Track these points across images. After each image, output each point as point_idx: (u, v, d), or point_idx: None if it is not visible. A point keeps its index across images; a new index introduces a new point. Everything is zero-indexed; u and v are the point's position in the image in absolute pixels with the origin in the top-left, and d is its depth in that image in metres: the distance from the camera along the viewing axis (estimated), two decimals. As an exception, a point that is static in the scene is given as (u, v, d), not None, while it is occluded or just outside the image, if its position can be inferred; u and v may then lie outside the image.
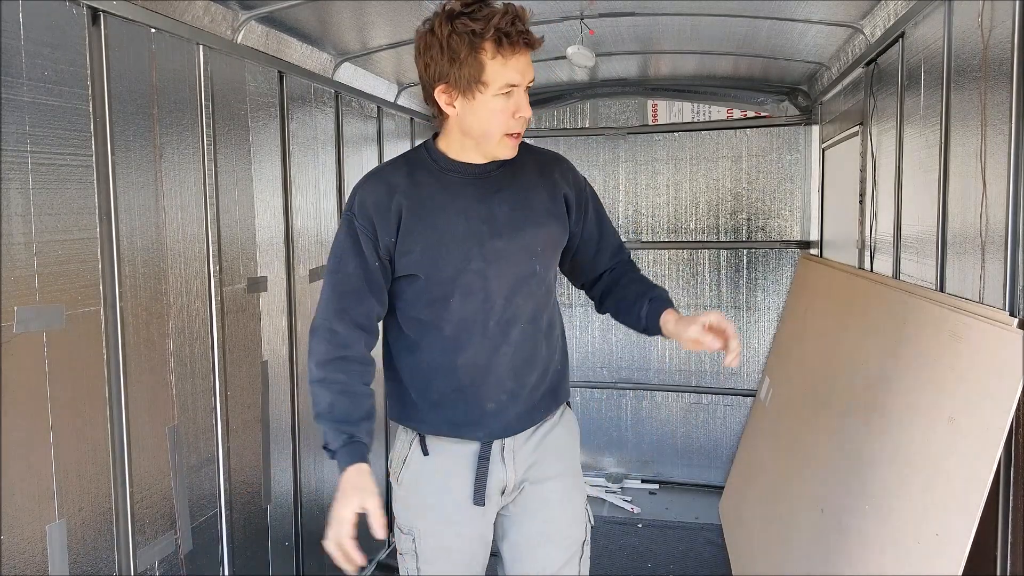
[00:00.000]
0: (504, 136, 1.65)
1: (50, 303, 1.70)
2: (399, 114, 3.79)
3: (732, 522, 3.58)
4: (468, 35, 1.56)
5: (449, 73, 1.60)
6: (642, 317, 1.81)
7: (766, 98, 3.99)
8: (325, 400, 1.65)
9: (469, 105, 1.62)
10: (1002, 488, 1.61)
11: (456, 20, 1.56)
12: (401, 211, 1.67)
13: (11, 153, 1.61)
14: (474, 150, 1.70)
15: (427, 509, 1.78)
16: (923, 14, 2.14)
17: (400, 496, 1.81)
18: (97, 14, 1.83)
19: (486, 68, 1.58)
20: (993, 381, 1.56)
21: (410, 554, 1.79)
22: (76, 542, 1.77)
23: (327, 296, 1.70)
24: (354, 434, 1.64)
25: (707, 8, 2.75)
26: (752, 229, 4.17)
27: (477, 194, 1.71)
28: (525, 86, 1.64)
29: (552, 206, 1.79)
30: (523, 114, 1.64)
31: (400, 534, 1.81)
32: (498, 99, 1.61)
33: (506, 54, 1.57)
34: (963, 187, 1.84)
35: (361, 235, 1.67)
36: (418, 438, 1.77)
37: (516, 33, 1.56)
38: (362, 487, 1.61)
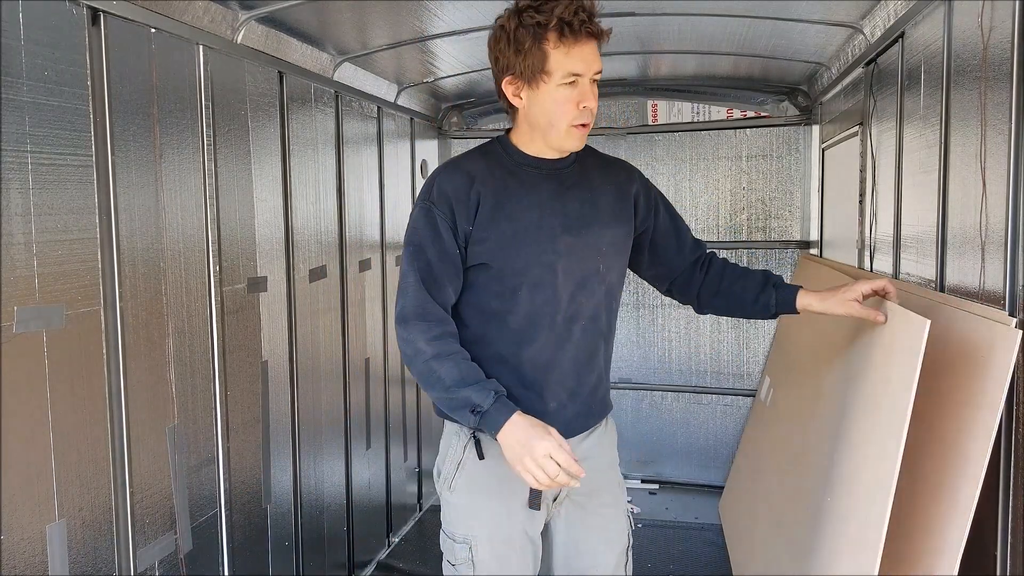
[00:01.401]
0: (570, 127, 1.68)
1: (50, 303, 1.70)
2: (399, 114, 3.79)
3: (732, 522, 3.58)
4: (533, 26, 1.61)
5: (515, 64, 1.65)
6: (771, 305, 1.89)
7: (766, 98, 3.99)
8: (452, 370, 1.61)
9: (534, 95, 1.67)
10: (1001, 488, 1.61)
11: (523, 13, 1.62)
12: (479, 200, 1.69)
13: (11, 153, 1.61)
14: (543, 143, 1.74)
15: (484, 515, 1.76)
16: (923, 14, 2.14)
17: (453, 503, 1.78)
18: (97, 14, 1.83)
19: (549, 57, 1.62)
20: (992, 381, 1.56)
21: (465, 563, 1.75)
22: (76, 542, 1.77)
23: (411, 283, 1.67)
24: (498, 389, 1.60)
25: (707, 8, 2.75)
26: (752, 229, 4.17)
27: (550, 189, 1.76)
28: (591, 77, 1.66)
29: (618, 209, 1.84)
30: (588, 104, 1.66)
31: (452, 544, 1.78)
32: (562, 89, 1.64)
33: (568, 43, 1.61)
34: (963, 187, 1.84)
35: (440, 222, 1.68)
36: (473, 441, 1.74)
37: (579, 23, 1.60)
38: (541, 424, 1.57)
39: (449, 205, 1.68)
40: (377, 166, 3.55)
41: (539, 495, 1.75)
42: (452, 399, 1.60)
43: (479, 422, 1.58)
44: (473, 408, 1.57)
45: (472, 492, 1.76)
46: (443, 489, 1.80)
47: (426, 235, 1.68)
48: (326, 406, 3.04)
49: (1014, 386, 1.54)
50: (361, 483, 3.36)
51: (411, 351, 1.65)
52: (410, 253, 1.70)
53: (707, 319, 4.22)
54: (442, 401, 1.65)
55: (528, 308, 1.72)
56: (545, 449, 1.52)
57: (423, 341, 1.63)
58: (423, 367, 1.63)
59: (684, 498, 4.19)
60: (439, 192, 1.70)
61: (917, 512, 1.71)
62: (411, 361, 1.66)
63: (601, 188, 1.83)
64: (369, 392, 3.44)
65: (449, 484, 1.78)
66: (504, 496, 1.75)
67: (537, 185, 1.75)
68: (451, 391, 1.60)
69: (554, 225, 1.73)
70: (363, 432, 3.39)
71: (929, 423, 1.76)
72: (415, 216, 1.72)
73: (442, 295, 1.69)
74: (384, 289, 3.62)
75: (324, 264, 3.02)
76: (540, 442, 1.53)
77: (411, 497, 4.00)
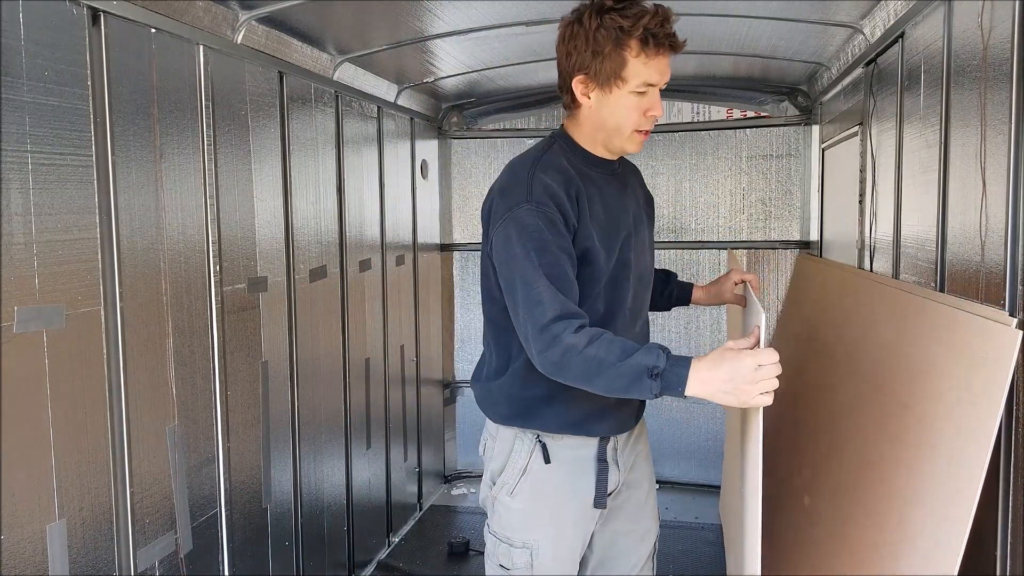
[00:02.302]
0: (634, 132, 1.70)
1: (50, 303, 1.70)
2: (399, 114, 3.79)
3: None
4: (615, 30, 1.59)
5: (590, 65, 1.63)
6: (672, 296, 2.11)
7: (766, 98, 3.99)
8: (612, 348, 1.50)
9: (605, 98, 1.66)
10: (1001, 488, 1.61)
11: (606, 15, 1.59)
12: (578, 197, 1.67)
13: (11, 153, 1.61)
14: (603, 144, 1.75)
15: (550, 519, 1.75)
16: (923, 14, 2.14)
17: (515, 509, 1.76)
18: (97, 14, 1.83)
19: (628, 65, 1.61)
20: (992, 381, 1.56)
21: (524, 568, 1.74)
22: (76, 542, 1.77)
23: (544, 288, 1.55)
24: (662, 345, 1.52)
25: (707, 8, 2.75)
26: (752, 229, 4.17)
27: (615, 189, 1.79)
28: (661, 86, 1.67)
29: (648, 209, 1.95)
30: (655, 112, 1.68)
31: (509, 549, 1.76)
32: (633, 96, 1.65)
33: (650, 54, 1.60)
34: (963, 187, 1.84)
35: (557, 220, 1.61)
36: (539, 446, 1.74)
37: (664, 35, 1.59)
38: (719, 351, 1.48)
39: (557, 202, 1.62)
40: (377, 166, 3.56)
41: (605, 493, 1.78)
42: (624, 373, 1.48)
43: (661, 385, 1.47)
44: (651, 371, 1.46)
45: (536, 498, 1.75)
46: (502, 495, 1.78)
47: (545, 237, 1.58)
48: (326, 406, 3.04)
49: (1014, 386, 1.54)
50: (361, 483, 3.36)
51: (560, 352, 1.52)
52: (532, 259, 1.57)
53: (707, 319, 4.22)
54: (612, 382, 1.50)
55: (606, 304, 1.73)
56: (751, 364, 1.42)
57: (570, 337, 1.52)
58: (580, 360, 1.50)
59: (684, 498, 4.19)
60: (543, 192, 1.62)
61: (917, 512, 1.71)
62: (566, 361, 1.52)
63: (636, 189, 1.89)
64: (369, 392, 3.44)
65: (511, 490, 1.76)
66: (570, 501, 1.77)
67: (606, 185, 1.77)
68: (620, 366, 1.48)
69: (627, 224, 1.77)
70: (363, 432, 3.39)
71: (929, 423, 1.76)
72: (520, 221, 1.60)
73: (573, 291, 1.61)
74: (384, 289, 3.62)
75: (324, 264, 3.02)
76: (739, 362, 1.43)
77: (411, 497, 4.00)
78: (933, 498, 1.65)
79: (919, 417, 1.82)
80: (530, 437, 1.75)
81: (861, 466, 2.10)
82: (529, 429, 1.75)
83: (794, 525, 2.53)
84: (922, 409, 1.82)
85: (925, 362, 1.88)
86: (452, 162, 4.51)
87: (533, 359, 1.58)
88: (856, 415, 2.26)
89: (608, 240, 1.71)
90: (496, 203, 1.69)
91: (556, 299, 1.55)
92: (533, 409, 1.73)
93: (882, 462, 1.96)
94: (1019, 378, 1.54)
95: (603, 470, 1.78)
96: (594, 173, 1.75)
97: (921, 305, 2.01)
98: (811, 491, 2.45)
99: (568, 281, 1.59)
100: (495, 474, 1.80)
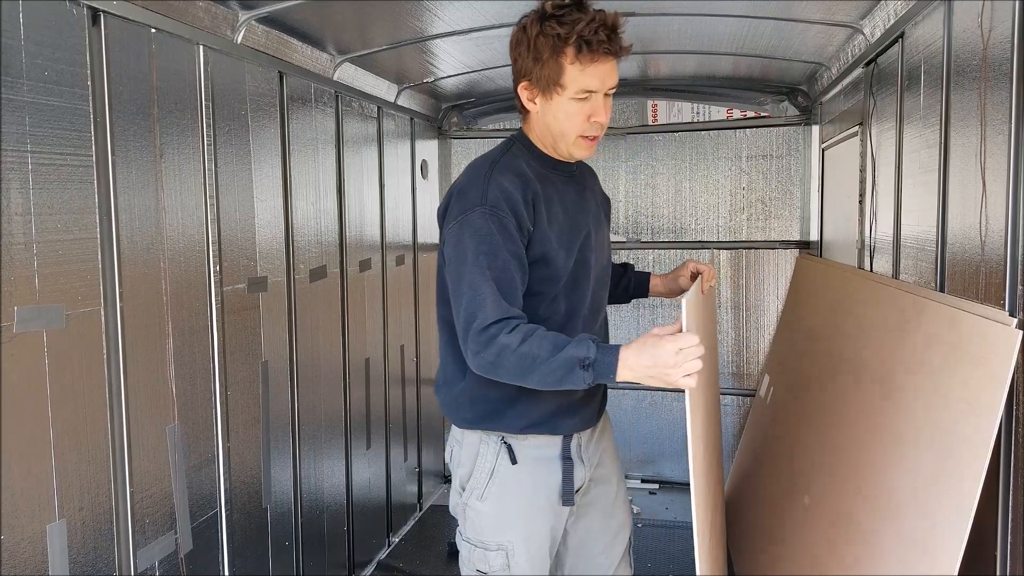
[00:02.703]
0: (579, 138, 1.71)
1: (50, 303, 1.70)
2: (399, 114, 3.79)
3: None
4: (553, 38, 1.60)
5: (532, 71, 1.66)
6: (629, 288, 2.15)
7: (766, 98, 3.99)
8: (544, 343, 1.52)
9: (547, 104, 1.69)
10: (1001, 488, 1.61)
11: (545, 22, 1.61)
12: (535, 200, 1.68)
13: (11, 153, 1.61)
14: (552, 148, 1.77)
15: (520, 520, 1.77)
16: (923, 14, 2.14)
17: (484, 512, 1.77)
18: (97, 14, 1.83)
19: (565, 72, 1.62)
20: (992, 381, 1.56)
21: (502, 570, 1.76)
22: (76, 542, 1.77)
23: (488, 293, 1.57)
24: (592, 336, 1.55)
25: (707, 8, 2.75)
26: (752, 229, 4.17)
27: (575, 189, 1.83)
28: (605, 92, 1.67)
29: (606, 207, 2.00)
30: (598, 119, 1.68)
31: (485, 552, 1.77)
32: (574, 103, 1.66)
33: (585, 61, 1.61)
34: (963, 187, 1.84)
35: (509, 225, 1.62)
36: (504, 447, 1.76)
37: (597, 42, 1.59)
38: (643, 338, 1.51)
39: (511, 206, 1.63)
40: (377, 166, 3.56)
41: (572, 490, 1.80)
42: (557, 367, 1.51)
43: (593, 374, 1.50)
44: (582, 362, 1.49)
45: (506, 499, 1.77)
46: (472, 500, 1.79)
47: (495, 241, 1.60)
48: (326, 406, 3.04)
49: (1014, 386, 1.54)
50: (361, 483, 3.36)
51: (495, 352, 1.55)
52: (480, 262, 1.59)
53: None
54: (546, 376, 1.53)
55: (567, 305, 1.76)
56: (672, 348, 1.45)
57: (504, 337, 1.55)
58: (515, 357, 1.53)
59: (684, 498, 4.19)
60: (498, 195, 1.64)
61: (917, 512, 1.71)
62: (500, 360, 1.55)
63: (593, 189, 1.94)
64: (369, 392, 3.44)
65: (480, 494, 1.77)
66: (539, 500, 1.79)
67: (565, 187, 1.80)
68: (552, 360, 1.51)
69: (588, 224, 1.81)
70: (363, 432, 3.39)
71: (929, 423, 1.76)
72: (473, 224, 1.62)
73: (519, 297, 1.63)
74: (384, 289, 3.62)
75: (324, 264, 3.02)
76: (660, 348, 1.46)
77: (411, 497, 4.00)
78: (933, 498, 1.65)
79: (919, 417, 1.82)
80: (495, 439, 1.77)
81: (861, 466, 2.10)
82: (494, 432, 1.77)
83: (794, 525, 2.53)
84: (922, 409, 1.82)
85: (925, 362, 1.88)
86: (452, 162, 4.51)
87: (468, 359, 1.60)
88: (856, 415, 2.26)
89: (568, 241, 1.74)
90: (452, 204, 1.71)
91: (499, 304, 1.57)
92: (497, 411, 1.75)
93: (882, 462, 1.96)
94: (1019, 378, 1.54)
95: (569, 467, 1.80)
96: (552, 175, 1.78)
97: (921, 305, 2.01)
98: (811, 491, 2.45)
99: (514, 287, 1.61)
100: (464, 480, 1.82)
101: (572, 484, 1.81)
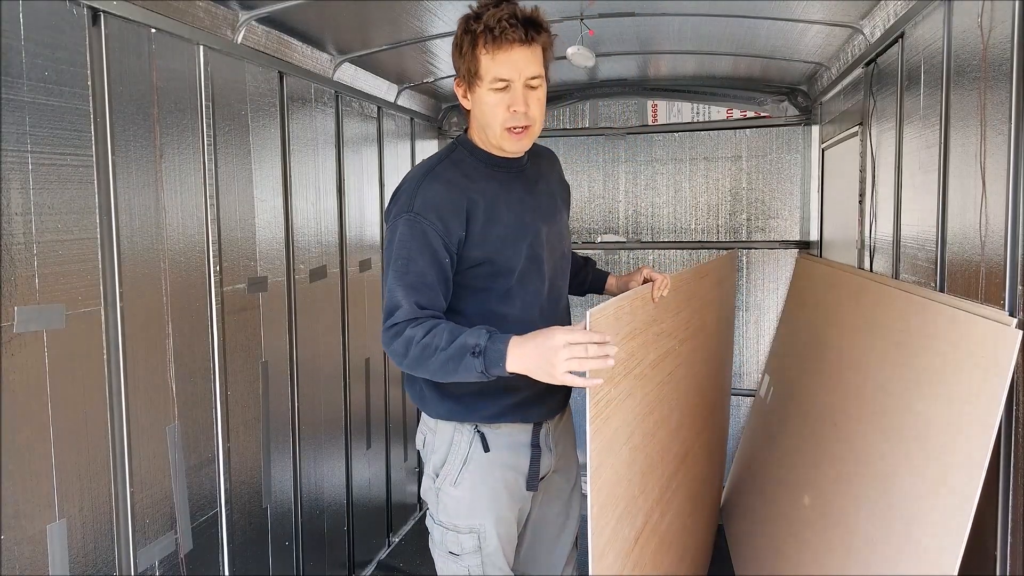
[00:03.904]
0: (503, 129, 1.72)
1: (50, 303, 1.70)
2: (399, 114, 3.79)
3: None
4: (470, 32, 1.68)
5: (459, 66, 1.74)
6: (586, 282, 2.18)
7: (766, 98, 3.99)
8: (442, 334, 1.58)
9: (474, 98, 1.74)
10: (1001, 488, 1.61)
11: (468, 20, 1.69)
12: (469, 207, 1.72)
13: (11, 153, 1.61)
14: (490, 143, 1.79)
15: (491, 504, 1.83)
16: (923, 14, 2.14)
17: (457, 497, 1.83)
18: (97, 14, 1.83)
19: (480, 62, 1.68)
20: (992, 381, 1.56)
21: (473, 553, 1.83)
22: (76, 542, 1.77)
23: (400, 296, 1.66)
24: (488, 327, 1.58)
25: (707, 8, 2.75)
26: (752, 229, 4.17)
27: (523, 186, 1.85)
28: (524, 82, 1.69)
29: (563, 194, 2.03)
30: (516, 108, 1.69)
31: (457, 535, 1.83)
32: (491, 93, 1.69)
33: (492, 49, 1.66)
34: (963, 187, 1.84)
35: (430, 232, 1.67)
36: (478, 436, 1.82)
37: (500, 30, 1.63)
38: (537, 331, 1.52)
39: (437, 214, 1.68)
40: (377, 166, 3.56)
41: (537, 476, 1.88)
42: (451, 356, 1.55)
43: (484, 362, 1.52)
44: (473, 350, 1.53)
45: (478, 484, 1.82)
46: (445, 485, 1.84)
47: (414, 247, 1.67)
48: (326, 406, 3.04)
49: (1014, 386, 1.54)
50: (361, 483, 3.36)
51: (403, 344, 1.61)
52: (398, 267, 1.67)
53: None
54: (443, 365, 1.57)
55: (523, 299, 1.81)
56: (560, 341, 1.44)
57: (410, 330, 1.62)
58: (417, 349, 1.59)
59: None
60: (424, 203, 1.69)
61: (917, 512, 1.71)
62: (406, 352, 1.61)
63: (549, 177, 1.96)
64: (369, 392, 3.44)
65: (454, 479, 1.83)
66: (508, 485, 1.86)
67: (511, 184, 1.83)
68: (448, 349, 1.55)
69: (536, 219, 1.83)
70: (363, 432, 3.39)
71: (929, 422, 1.77)
72: (398, 230, 1.70)
73: (436, 302, 1.69)
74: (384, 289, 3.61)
75: (324, 264, 3.02)
76: (550, 339, 1.46)
77: (411, 497, 4.00)
78: (933, 498, 1.65)
79: (919, 416, 1.83)
80: (468, 428, 1.82)
81: (861, 466, 2.10)
82: (467, 422, 1.82)
83: (794, 525, 2.53)
84: (922, 409, 1.82)
85: (925, 362, 1.88)
86: (452, 162, 4.51)
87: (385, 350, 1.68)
88: (856, 415, 2.26)
89: (514, 240, 1.78)
90: (389, 205, 1.80)
91: (411, 305, 1.64)
92: (469, 402, 1.80)
93: (882, 462, 1.97)
94: (1019, 378, 1.54)
95: (536, 455, 1.87)
96: (498, 174, 1.81)
97: (921, 305, 2.01)
98: (811, 491, 2.45)
99: (430, 289, 1.68)
100: (437, 466, 1.86)
101: (538, 470, 1.87)
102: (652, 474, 2.02)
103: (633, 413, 1.82)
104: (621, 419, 1.72)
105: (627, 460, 1.78)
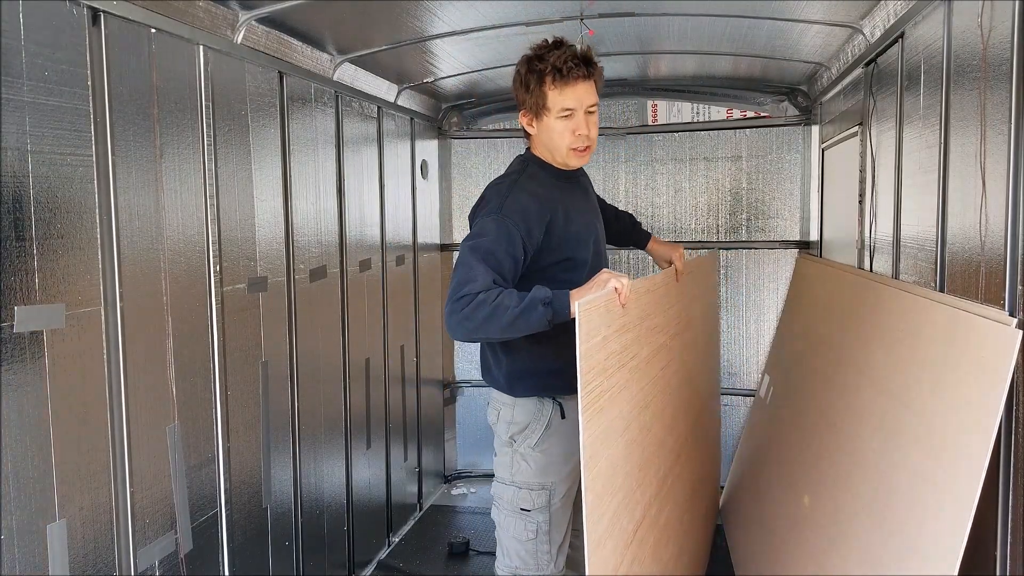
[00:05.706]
0: (569, 150, 2.10)
1: (50, 303, 1.70)
2: (399, 114, 3.79)
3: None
4: (537, 72, 2.04)
5: (525, 101, 2.10)
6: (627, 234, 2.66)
7: (766, 98, 3.99)
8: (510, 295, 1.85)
9: (541, 125, 2.10)
10: (1001, 488, 1.61)
11: (531, 61, 2.06)
12: (551, 215, 2.06)
13: (11, 153, 1.61)
14: (554, 161, 2.15)
15: (564, 466, 2.16)
16: (923, 14, 2.14)
17: (535, 457, 2.15)
18: (97, 14, 1.83)
19: (548, 96, 2.05)
20: (992, 381, 1.56)
21: (542, 509, 2.15)
22: (76, 542, 1.77)
23: (481, 273, 1.88)
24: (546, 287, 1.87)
25: (707, 8, 2.75)
26: (752, 229, 4.17)
27: (581, 194, 2.26)
28: (584, 110, 2.06)
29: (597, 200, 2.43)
30: (581, 132, 2.07)
31: (530, 492, 2.14)
32: (559, 121, 2.06)
33: (560, 85, 2.03)
34: (963, 187, 1.85)
35: (514, 232, 1.96)
36: (557, 406, 2.15)
37: (567, 69, 2.01)
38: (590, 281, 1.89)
39: (522, 216, 1.99)
40: (377, 166, 3.56)
41: None
42: (523, 310, 1.82)
43: (553, 311, 1.83)
44: (544, 301, 1.83)
45: (555, 447, 2.15)
46: (524, 448, 2.15)
47: (499, 239, 1.94)
48: (326, 406, 3.04)
49: (1014, 386, 1.54)
50: (361, 483, 3.36)
51: (473, 306, 1.83)
52: (481, 252, 1.92)
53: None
54: (516, 319, 1.82)
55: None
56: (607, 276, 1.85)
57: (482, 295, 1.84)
58: (489, 309, 1.83)
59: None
60: (512, 206, 1.99)
61: (917, 512, 1.71)
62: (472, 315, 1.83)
63: (588, 187, 2.35)
64: (369, 392, 3.44)
65: (534, 443, 2.14)
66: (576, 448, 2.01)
67: (573, 192, 2.21)
68: (520, 306, 1.82)
69: (594, 220, 2.26)
70: (363, 432, 3.39)
71: (929, 422, 1.77)
72: (486, 225, 1.97)
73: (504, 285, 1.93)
74: (384, 289, 3.62)
75: (324, 264, 3.02)
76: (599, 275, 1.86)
77: (411, 497, 4.00)
78: (933, 498, 1.65)
79: (919, 416, 1.83)
80: (548, 401, 2.16)
81: (861, 466, 2.10)
82: (546, 396, 2.15)
83: (794, 525, 2.53)
84: (922, 408, 1.82)
85: (925, 362, 1.88)
86: (452, 162, 4.51)
87: (446, 320, 1.90)
88: (856, 415, 2.26)
89: (586, 239, 2.17)
90: (475, 209, 2.13)
91: (487, 281, 1.88)
92: (549, 379, 2.12)
93: (882, 462, 1.97)
94: (1019, 378, 1.54)
95: None
96: (565, 184, 2.18)
97: (921, 305, 2.01)
98: (811, 491, 2.45)
99: (503, 277, 1.92)
100: (517, 433, 2.17)
101: None
102: (649, 469, 2.06)
103: (629, 406, 1.89)
104: (617, 411, 1.79)
105: (624, 453, 1.83)
